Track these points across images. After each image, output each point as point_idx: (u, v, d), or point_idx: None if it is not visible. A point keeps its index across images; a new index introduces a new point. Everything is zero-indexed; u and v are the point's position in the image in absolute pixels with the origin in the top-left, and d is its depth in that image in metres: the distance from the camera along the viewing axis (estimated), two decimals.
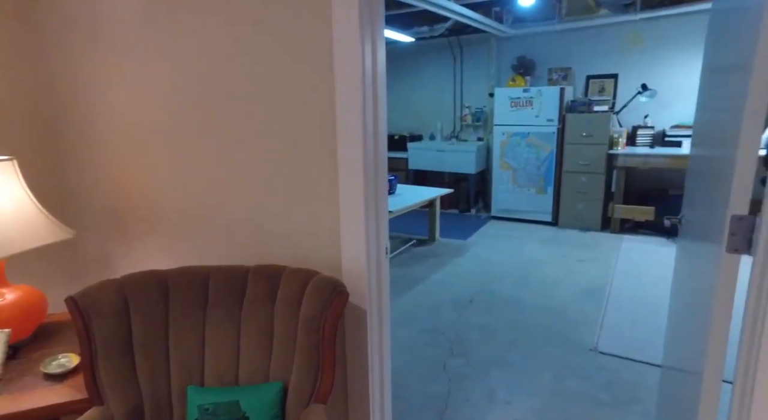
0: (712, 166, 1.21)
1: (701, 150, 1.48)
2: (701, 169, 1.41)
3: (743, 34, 1.05)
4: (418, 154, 6.25)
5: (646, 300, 3.23)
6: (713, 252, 1.10)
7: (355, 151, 1.31)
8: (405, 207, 3.94)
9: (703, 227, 1.26)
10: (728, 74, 1.17)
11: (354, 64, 1.27)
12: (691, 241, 1.47)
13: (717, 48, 1.43)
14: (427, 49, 6.45)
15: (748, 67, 0.98)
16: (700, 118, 1.61)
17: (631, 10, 4.91)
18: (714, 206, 1.14)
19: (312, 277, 1.24)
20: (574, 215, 5.18)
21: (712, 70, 1.46)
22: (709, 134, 1.33)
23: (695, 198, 1.50)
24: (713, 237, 1.13)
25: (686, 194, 1.72)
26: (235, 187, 1.55)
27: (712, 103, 1.36)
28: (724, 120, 1.15)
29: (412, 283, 3.69)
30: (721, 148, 1.15)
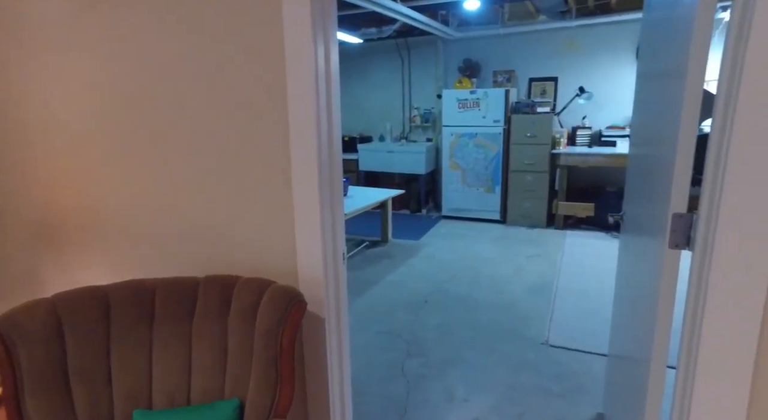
0: (652, 166, 1.28)
1: (640, 150, 1.57)
2: (641, 169, 1.49)
3: (674, 45, 1.12)
4: (368, 156, 6.24)
5: (591, 292, 3.39)
6: (656, 247, 1.16)
7: (309, 153, 1.27)
8: (358, 209, 3.91)
9: (645, 223, 1.33)
10: (662, 80, 1.23)
11: (306, 65, 1.23)
12: (634, 236, 1.55)
13: (650, 55, 1.51)
14: (375, 50, 6.46)
15: (682, 76, 1.04)
16: (637, 121, 1.70)
17: (567, 17, 5.15)
18: (654, 204, 1.20)
19: (267, 287, 1.20)
20: (521, 213, 5.37)
21: (646, 76, 1.54)
22: (647, 136, 1.41)
23: (636, 195, 1.58)
24: (655, 233, 1.19)
25: (627, 192, 1.81)
26: (181, 193, 1.47)
27: (648, 107, 1.44)
28: (661, 123, 1.21)
29: (366, 285, 3.68)
30: (658, 149, 1.21)
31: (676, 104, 1.07)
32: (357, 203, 4.07)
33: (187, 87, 1.39)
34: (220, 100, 1.36)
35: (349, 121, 6.91)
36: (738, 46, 0.88)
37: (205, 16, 1.31)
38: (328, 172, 1.32)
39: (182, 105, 1.40)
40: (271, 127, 1.31)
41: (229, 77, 1.33)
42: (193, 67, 1.36)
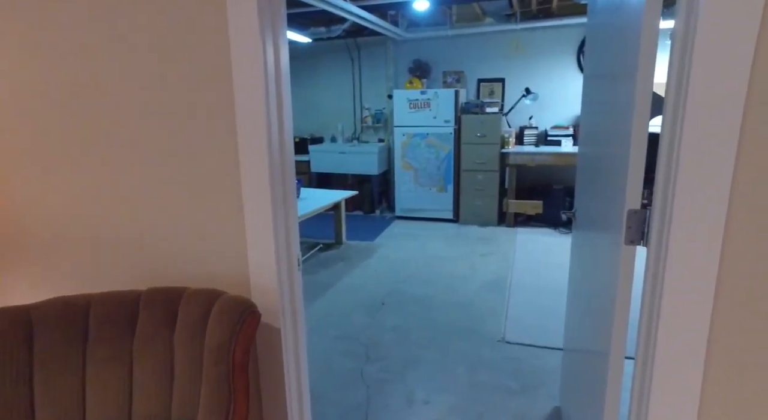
0: (604, 164, 1.30)
1: (590, 149, 1.60)
2: (592, 167, 1.52)
3: (621, 49, 1.14)
4: (320, 157, 6.14)
5: (544, 288, 3.49)
6: (611, 243, 1.17)
7: (259, 156, 1.20)
8: (311, 211, 3.82)
9: (599, 220, 1.35)
10: (611, 82, 1.26)
11: (254, 64, 1.16)
12: (587, 232, 1.58)
13: (597, 58, 1.55)
14: (325, 50, 6.37)
15: (630, 78, 1.05)
16: (586, 121, 1.74)
17: (512, 20, 5.29)
18: (608, 201, 1.22)
19: (217, 298, 1.11)
20: (473, 211, 5.45)
21: (594, 77, 1.58)
22: (597, 135, 1.43)
23: (587, 193, 1.61)
24: (609, 229, 1.21)
25: (578, 190, 1.85)
26: (121, 199, 1.35)
27: (597, 107, 1.47)
28: (611, 123, 1.23)
29: (321, 289, 3.59)
30: (610, 147, 1.23)
31: (626, 104, 1.09)
32: (310, 205, 3.98)
33: (123, 88, 1.27)
34: (159, 103, 1.25)
35: (299, 122, 6.77)
36: (684, 50, 0.90)
37: (145, 12, 1.20)
38: (280, 175, 1.25)
39: (118, 107, 1.29)
40: (217, 130, 1.22)
41: (170, 78, 1.23)
42: (130, 67, 1.25)
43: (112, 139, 1.31)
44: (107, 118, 1.30)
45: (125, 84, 1.27)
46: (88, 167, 1.35)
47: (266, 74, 1.19)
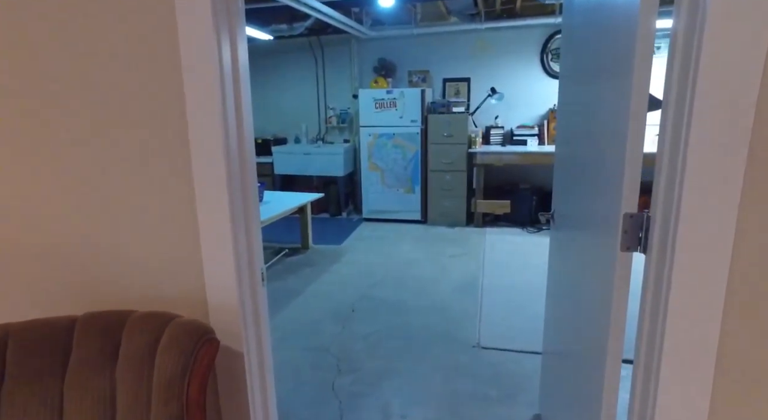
0: (591, 165, 1.22)
1: (570, 149, 1.53)
2: (574, 167, 1.45)
3: (610, 48, 1.06)
4: (283, 159, 5.94)
5: (516, 288, 3.45)
6: (602, 248, 1.09)
7: (214, 160, 1.05)
8: (275, 215, 3.65)
9: (585, 223, 1.28)
10: (597, 82, 1.18)
11: (208, 63, 1.01)
12: (570, 234, 1.51)
13: (576, 58, 1.48)
14: (287, 48, 6.17)
15: (619, 77, 0.98)
16: (564, 120, 1.67)
17: (477, 20, 5.27)
18: (598, 203, 1.14)
19: (168, 323, 0.96)
20: (441, 212, 5.40)
21: (573, 77, 1.51)
22: (580, 135, 1.36)
23: (569, 194, 1.54)
24: (599, 232, 1.13)
25: (556, 190, 1.79)
26: (54, 206, 1.16)
27: (579, 107, 1.40)
28: (599, 124, 1.16)
29: (288, 297, 3.43)
30: (598, 149, 1.16)
31: (616, 105, 1.01)
32: (273, 209, 3.80)
33: (58, 82, 1.09)
34: (98, 103, 1.08)
35: (261, 123, 6.54)
36: (688, 49, 0.82)
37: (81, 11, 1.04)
38: (239, 180, 1.11)
39: (51, 104, 1.11)
40: (166, 135, 1.07)
41: (111, 77, 1.06)
42: (64, 62, 1.07)
43: (48, 145, 1.13)
44: (40, 120, 1.12)
45: (61, 80, 1.09)
46: (14, 169, 1.17)
47: (222, 73, 1.05)
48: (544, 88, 5.44)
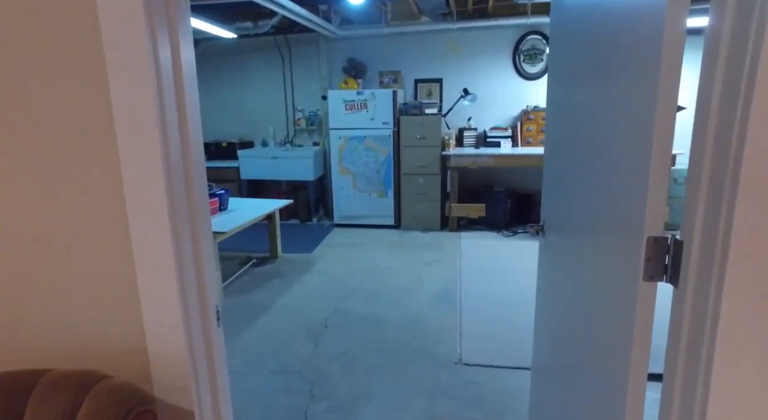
0: (598, 175, 1.08)
1: (563, 155, 1.39)
2: (574, 176, 1.31)
3: (615, 51, 0.92)
4: (250, 163, 5.67)
5: (495, 297, 3.32)
6: (618, 275, 0.95)
7: (151, 175, 0.85)
8: (240, 225, 3.41)
9: (592, 241, 1.14)
10: (603, 86, 1.05)
11: (139, 62, 0.82)
12: (568, 250, 1.37)
13: (569, 58, 1.35)
14: (252, 47, 5.91)
15: (638, 83, 0.83)
16: (555, 123, 1.53)
17: (449, 19, 5.15)
18: (609, 221, 1.00)
19: (90, 388, 0.75)
20: (414, 216, 5.25)
21: (568, 78, 1.38)
22: (580, 142, 1.22)
23: (566, 205, 1.41)
24: (612, 256, 0.99)
25: (547, 199, 1.65)
26: None
27: (578, 111, 1.26)
28: (609, 131, 1.02)
29: (255, 312, 3.20)
30: (606, 158, 1.02)
31: (632, 110, 0.87)
32: (239, 218, 3.56)
33: None
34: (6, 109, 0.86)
35: (226, 125, 6.24)
36: (738, 50, 0.68)
37: None
38: (184, 198, 0.91)
39: None
40: (86, 145, 0.86)
41: (21, 77, 0.85)
42: None
43: None
44: None
45: None
46: None
47: (159, 76, 0.85)
48: (517, 89, 5.38)
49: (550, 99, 1.62)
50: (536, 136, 5.26)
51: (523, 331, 2.80)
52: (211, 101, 6.24)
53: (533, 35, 5.21)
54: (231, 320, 3.07)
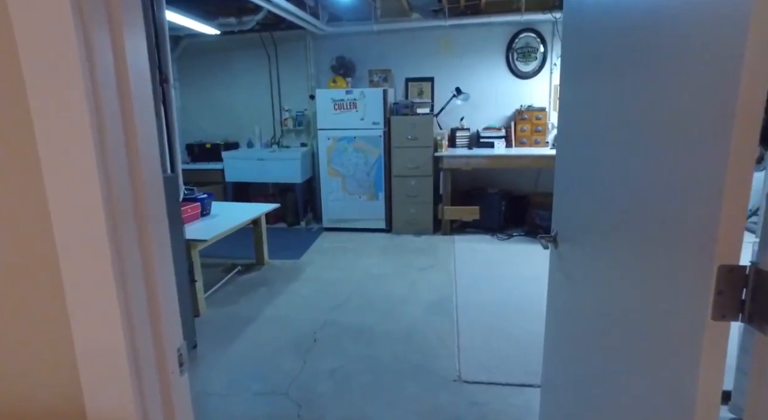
0: (636, 187, 0.92)
1: (586, 159, 1.23)
2: (595, 183, 1.14)
3: (655, 49, 0.76)
4: (235, 165, 5.45)
5: (491, 305, 3.16)
6: (675, 308, 0.78)
7: (86, 200, 0.66)
8: (222, 232, 3.21)
9: (627, 261, 0.97)
10: (648, 85, 0.88)
11: (65, 68, 0.63)
12: (592, 267, 1.20)
13: (592, 55, 1.19)
14: (237, 45, 5.69)
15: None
16: (572, 125, 1.37)
17: (440, 16, 4.99)
18: (654, 239, 0.83)
19: None
20: (406, 220, 5.08)
21: (589, 76, 1.22)
22: (612, 146, 1.06)
23: (584, 216, 1.24)
24: (660, 281, 0.83)
25: (559, 208, 1.49)
26: None
27: (604, 113, 1.10)
28: (655, 136, 0.85)
29: (239, 325, 3.00)
30: (655, 168, 0.85)
31: (693, 114, 0.71)
32: (222, 224, 3.35)
33: None
34: None
35: (211, 126, 6.02)
36: None
37: None
38: (133, 226, 0.72)
39: None
40: (3, 173, 0.67)
41: None
42: None
43: None
44: None
45: None
46: None
47: (94, 84, 0.66)
48: (510, 88, 5.24)
49: (564, 99, 1.46)
50: (530, 136, 5.13)
51: (524, 342, 2.64)
52: (194, 101, 6.00)
53: (527, 33, 5.07)
54: (213, 335, 2.86)
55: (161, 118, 2.37)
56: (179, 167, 2.50)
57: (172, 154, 2.43)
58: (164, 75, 2.30)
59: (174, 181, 2.32)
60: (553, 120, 5.18)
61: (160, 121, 2.38)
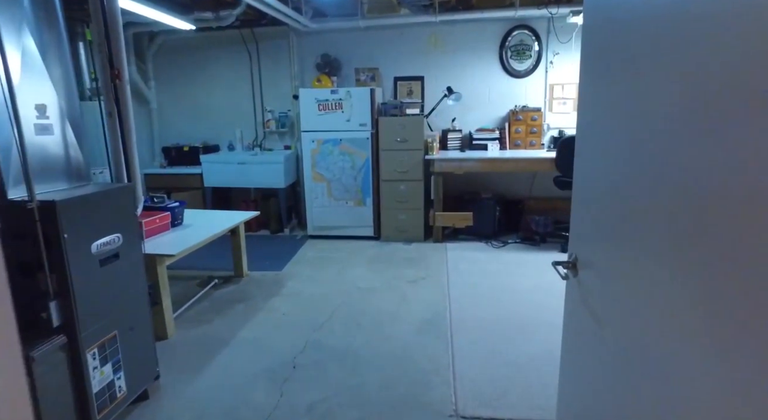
0: (704, 209, 0.65)
1: (620, 174, 0.97)
2: (634, 202, 0.88)
3: None
4: (214, 169, 5.14)
5: (489, 322, 2.90)
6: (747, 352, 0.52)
7: None
8: (193, 245, 2.91)
9: (684, 296, 0.71)
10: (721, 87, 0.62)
11: None
12: (629, 299, 0.94)
13: (653, 48, 0.93)
14: (216, 41, 5.39)
15: None
16: (597, 130, 1.11)
17: (430, 12, 4.73)
18: (728, 271, 0.57)
19: None
20: (396, 227, 4.82)
21: (633, 73, 0.96)
22: (664, 152, 0.80)
23: (617, 239, 0.98)
24: (732, 320, 0.56)
25: (579, 229, 1.23)
26: None
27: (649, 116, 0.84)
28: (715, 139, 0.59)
29: (211, 349, 2.70)
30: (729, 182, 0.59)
31: None
32: (194, 236, 3.05)
33: None
34: None
35: (189, 128, 5.70)
36: None
37: None
38: None
39: None
40: None
41: None
42: None
43: None
44: None
45: None
46: None
47: None
48: (504, 87, 5.00)
49: (584, 102, 1.20)
50: (525, 137, 4.89)
51: (526, 368, 2.39)
52: (171, 101, 5.68)
53: (521, 30, 4.84)
54: (181, 361, 2.57)
55: (114, 119, 2.07)
56: (137, 175, 2.21)
57: (128, 161, 2.13)
58: (116, 70, 2.01)
59: (129, 192, 2.03)
60: (549, 121, 4.95)
61: (113, 123, 2.08)
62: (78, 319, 1.71)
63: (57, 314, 1.62)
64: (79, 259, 1.73)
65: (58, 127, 1.85)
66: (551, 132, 4.96)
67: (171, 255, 2.72)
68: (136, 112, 5.49)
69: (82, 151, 1.98)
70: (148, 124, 5.66)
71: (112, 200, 1.94)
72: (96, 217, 1.84)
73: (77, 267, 1.71)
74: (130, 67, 5.22)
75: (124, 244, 1.98)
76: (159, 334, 2.80)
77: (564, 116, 4.92)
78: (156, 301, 2.55)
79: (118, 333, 1.96)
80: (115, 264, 1.94)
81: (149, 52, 5.47)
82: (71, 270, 1.67)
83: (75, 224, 1.70)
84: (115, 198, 1.95)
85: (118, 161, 2.13)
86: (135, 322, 2.08)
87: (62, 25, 1.82)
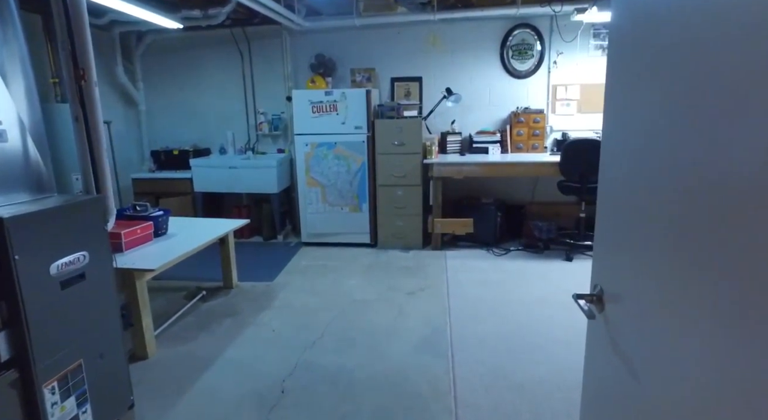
0: None
1: (664, 192, 0.78)
2: (678, 227, 0.70)
3: None
4: (205, 173, 4.95)
5: (493, 338, 2.72)
6: None
7: None
8: (176, 258, 2.71)
9: None
10: None
11: None
12: (664, 335, 0.75)
13: (667, 56, 0.74)
14: (207, 41, 5.20)
15: None
16: (628, 138, 0.92)
17: (428, 10, 4.55)
18: None
19: None
20: (393, 233, 4.63)
21: (680, 75, 0.77)
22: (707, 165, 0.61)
23: (649, 265, 0.79)
24: None
25: (599, 251, 1.04)
26: None
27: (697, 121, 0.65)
28: None
29: (194, 370, 2.51)
30: None
31: None
32: (178, 247, 2.86)
33: None
34: None
35: (178, 131, 5.51)
36: None
37: None
38: None
39: None
40: None
41: None
42: None
43: None
44: None
45: None
46: None
47: None
48: (505, 88, 4.82)
49: (610, 102, 1.01)
50: (527, 140, 4.71)
51: (532, 393, 2.20)
52: (160, 103, 5.49)
53: (523, 28, 4.66)
54: (161, 384, 2.37)
55: (81, 124, 1.88)
56: (108, 185, 2.01)
57: (96, 170, 1.94)
58: (82, 70, 1.81)
59: (97, 204, 1.84)
60: (552, 123, 4.77)
61: (80, 128, 1.89)
62: (32, 351, 1.51)
63: (6, 347, 1.43)
64: (35, 282, 1.54)
65: (15, 132, 1.66)
66: (554, 135, 4.78)
67: (150, 269, 2.52)
68: (124, 115, 5.31)
69: (44, 160, 1.79)
70: (136, 126, 5.47)
71: (78, 214, 1.74)
72: (57, 234, 1.65)
73: (32, 292, 1.51)
74: (117, 67, 5.03)
75: (91, 263, 1.79)
76: (139, 353, 2.61)
77: (568, 118, 4.74)
78: (130, 322, 2.36)
79: (84, 361, 1.77)
80: (81, 285, 1.75)
81: (137, 52, 5.28)
82: (24, 296, 1.48)
83: (29, 243, 1.51)
84: (81, 211, 1.76)
85: (86, 170, 1.93)
86: (105, 347, 1.89)
87: (16, 17, 1.63)
